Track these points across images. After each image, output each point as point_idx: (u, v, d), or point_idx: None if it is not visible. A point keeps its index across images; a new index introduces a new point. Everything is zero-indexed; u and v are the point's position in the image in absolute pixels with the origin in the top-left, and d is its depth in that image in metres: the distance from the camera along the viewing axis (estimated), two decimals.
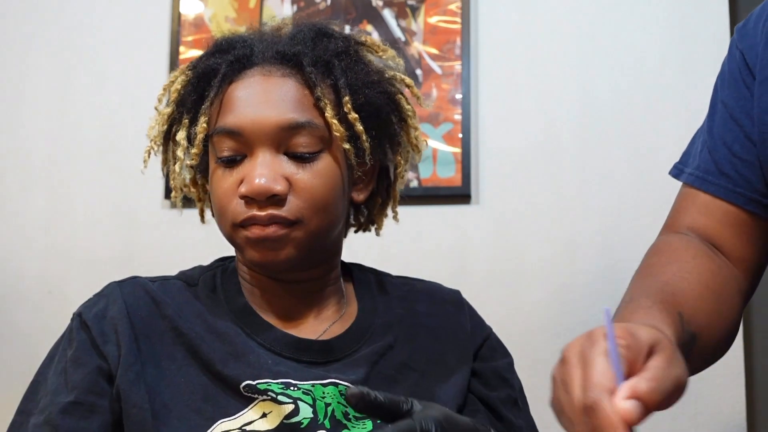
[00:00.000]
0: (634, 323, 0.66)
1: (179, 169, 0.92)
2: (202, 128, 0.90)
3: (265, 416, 0.82)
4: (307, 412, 0.82)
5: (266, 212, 0.84)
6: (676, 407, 0.61)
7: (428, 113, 1.80)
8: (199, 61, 0.94)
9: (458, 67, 1.82)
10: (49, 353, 0.90)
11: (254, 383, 0.83)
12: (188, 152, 0.92)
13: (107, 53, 1.97)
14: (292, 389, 0.84)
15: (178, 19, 1.94)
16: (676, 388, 0.60)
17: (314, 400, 0.84)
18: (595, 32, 1.81)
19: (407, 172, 1.01)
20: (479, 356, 0.97)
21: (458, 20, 1.84)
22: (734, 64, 0.93)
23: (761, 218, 0.90)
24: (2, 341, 1.90)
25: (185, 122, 0.92)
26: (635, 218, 1.72)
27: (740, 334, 1.58)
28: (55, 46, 1.99)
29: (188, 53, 1.92)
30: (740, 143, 0.90)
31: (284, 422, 0.82)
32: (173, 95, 0.94)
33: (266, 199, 0.84)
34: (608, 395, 0.57)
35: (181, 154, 0.91)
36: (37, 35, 2.00)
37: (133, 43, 1.96)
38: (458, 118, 1.80)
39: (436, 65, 1.84)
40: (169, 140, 0.96)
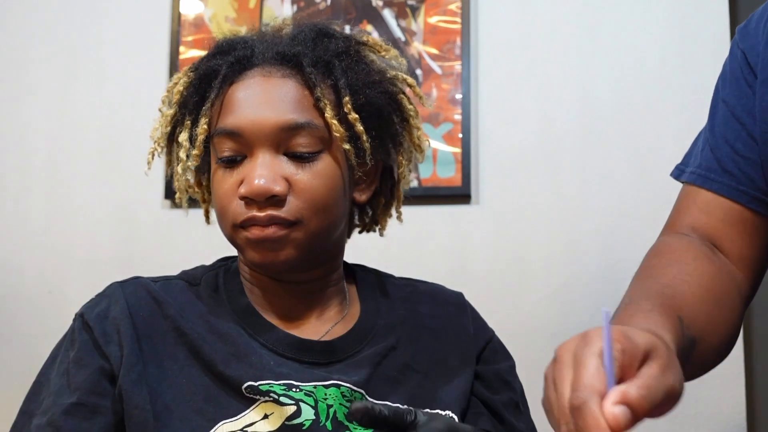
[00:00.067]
0: (632, 327, 0.65)
1: (182, 170, 0.92)
2: (202, 129, 0.90)
3: (266, 417, 0.82)
4: (309, 413, 0.82)
5: (266, 213, 0.84)
6: (676, 407, 0.61)
7: (428, 113, 1.80)
8: (200, 62, 0.94)
9: (458, 67, 1.82)
10: (51, 354, 0.90)
11: (256, 384, 0.83)
12: (190, 153, 0.92)
13: (107, 53, 1.97)
14: (294, 391, 0.84)
15: (178, 19, 1.94)
16: (668, 397, 0.59)
17: (316, 401, 0.83)
18: (595, 32, 1.80)
19: (410, 172, 1.01)
20: (482, 359, 0.97)
21: (458, 20, 1.84)
22: (736, 63, 0.93)
23: (763, 217, 0.89)
24: (2, 341, 1.90)
25: (187, 124, 0.92)
26: (635, 218, 1.72)
27: (740, 334, 1.58)
28: (55, 46, 1.99)
29: (188, 53, 1.92)
30: (743, 141, 0.89)
31: (286, 424, 0.82)
32: (176, 97, 0.94)
33: (266, 199, 0.84)
34: (597, 397, 0.56)
35: (183, 155, 0.91)
36: (37, 35, 2.00)
37: (133, 43, 1.96)
38: (458, 118, 1.80)
39: (436, 65, 1.84)
40: (172, 142, 0.96)
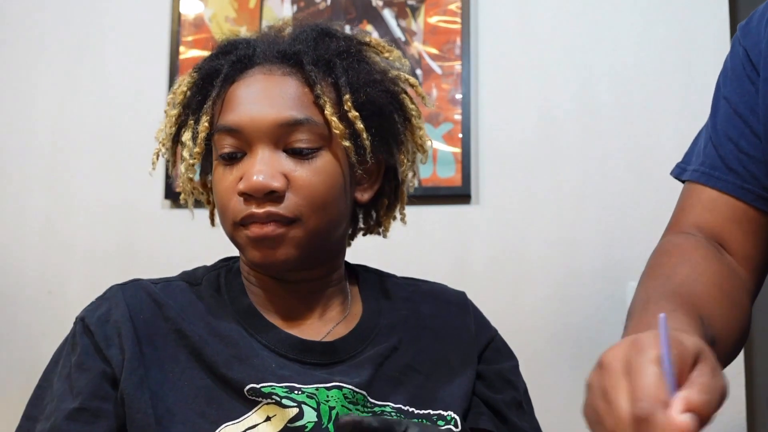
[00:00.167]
0: (675, 331, 0.61)
1: (185, 169, 0.92)
2: (204, 127, 0.90)
3: (269, 420, 0.82)
4: (311, 416, 0.82)
5: (264, 209, 0.84)
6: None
7: (428, 113, 1.80)
8: (203, 62, 0.94)
9: (458, 67, 1.82)
10: (53, 357, 0.90)
11: (258, 386, 0.83)
12: (192, 152, 0.92)
13: (107, 53, 1.97)
14: (296, 393, 0.84)
15: (178, 19, 1.94)
16: (723, 399, 0.57)
17: (318, 403, 0.83)
18: (595, 32, 1.81)
19: (413, 172, 1.00)
20: (483, 358, 0.97)
21: (458, 20, 1.84)
22: (737, 60, 0.92)
23: (767, 215, 0.88)
24: (2, 341, 1.90)
25: (191, 123, 0.93)
26: (635, 218, 1.72)
27: None
28: (55, 45, 1.99)
29: (188, 53, 1.92)
30: (746, 139, 0.88)
31: (288, 426, 0.82)
32: (179, 97, 0.94)
33: (264, 195, 0.84)
34: (663, 408, 0.53)
35: (186, 155, 0.92)
36: (38, 35, 2.00)
37: (133, 42, 1.96)
38: (458, 118, 1.80)
39: (436, 65, 1.84)
40: (177, 143, 0.96)
